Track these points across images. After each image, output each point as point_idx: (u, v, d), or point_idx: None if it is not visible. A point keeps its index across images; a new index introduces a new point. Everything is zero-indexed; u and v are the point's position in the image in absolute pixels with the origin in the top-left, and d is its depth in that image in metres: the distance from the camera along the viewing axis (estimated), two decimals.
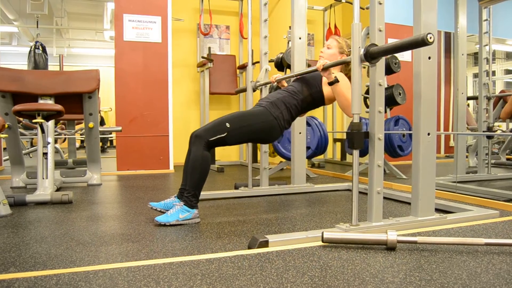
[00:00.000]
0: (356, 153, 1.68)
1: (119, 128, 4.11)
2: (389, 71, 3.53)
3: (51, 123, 2.91)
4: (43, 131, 2.72)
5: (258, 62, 3.49)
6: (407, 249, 1.51)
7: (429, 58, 1.81)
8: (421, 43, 1.44)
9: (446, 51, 6.19)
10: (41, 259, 1.44)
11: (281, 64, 4.32)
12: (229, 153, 5.53)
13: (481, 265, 1.33)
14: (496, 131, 4.06)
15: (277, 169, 4.08)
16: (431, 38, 1.41)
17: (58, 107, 2.67)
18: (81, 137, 5.90)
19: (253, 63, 3.50)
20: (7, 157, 4.26)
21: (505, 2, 3.74)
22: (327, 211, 2.30)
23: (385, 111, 3.49)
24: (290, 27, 3.45)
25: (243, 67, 5.29)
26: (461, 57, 3.44)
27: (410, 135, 3.72)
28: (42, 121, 2.63)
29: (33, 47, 5.35)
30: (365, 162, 3.71)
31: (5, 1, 6.43)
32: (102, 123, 7.87)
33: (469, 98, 4.18)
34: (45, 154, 2.74)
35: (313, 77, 2.30)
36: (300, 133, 2.94)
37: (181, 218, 1.94)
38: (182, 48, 5.31)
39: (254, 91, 2.98)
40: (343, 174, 3.82)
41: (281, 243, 1.57)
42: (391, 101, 3.61)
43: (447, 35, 6.13)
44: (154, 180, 3.71)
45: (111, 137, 8.12)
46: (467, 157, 4.19)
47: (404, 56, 4.81)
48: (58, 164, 4.38)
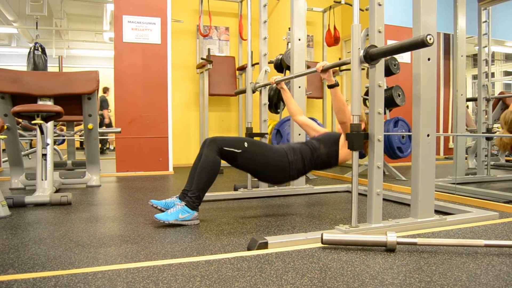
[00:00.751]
0: (356, 155, 1.68)
1: (119, 130, 4.11)
2: (388, 72, 3.53)
3: (50, 124, 2.90)
4: (42, 132, 2.72)
5: (257, 63, 3.49)
6: (407, 251, 1.51)
7: (428, 60, 1.81)
8: (420, 44, 1.45)
9: (445, 52, 6.20)
10: (39, 260, 1.43)
11: (281, 66, 4.33)
12: None
13: (480, 267, 1.33)
14: (495, 132, 4.06)
15: None
16: (430, 39, 1.41)
17: (57, 108, 2.66)
18: (81, 139, 5.89)
19: (253, 65, 3.50)
20: (6, 159, 4.26)
21: (504, 4, 3.76)
22: (326, 213, 2.30)
23: (385, 113, 3.50)
24: (289, 28, 3.45)
25: (242, 68, 5.29)
26: (460, 59, 3.44)
27: (410, 136, 3.73)
28: (41, 122, 2.63)
29: (32, 48, 5.34)
30: (364, 164, 3.71)
31: (4, 2, 6.43)
32: (102, 124, 7.85)
33: (468, 100, 4.18)
34: (44, 155, 2.74)
35: (332, 137, 2.30)
36: (300, 134, 2.94)
37: (180, 218, 1.94)
38: (181, 50, 5.31)
39: (253, 92, 2.98)
40: (343, 176, 3.81)
41: (280, 244, 1.57)
42: (390, 103, 3.62)
43: (447, 37, 6.14)
44: (153, 181, 3.71)
45: (111, 137, 8.09)
46: (466, 158, 4.20)
47: (404, 58, 4.82)
48: (57, 166, 4.37)
